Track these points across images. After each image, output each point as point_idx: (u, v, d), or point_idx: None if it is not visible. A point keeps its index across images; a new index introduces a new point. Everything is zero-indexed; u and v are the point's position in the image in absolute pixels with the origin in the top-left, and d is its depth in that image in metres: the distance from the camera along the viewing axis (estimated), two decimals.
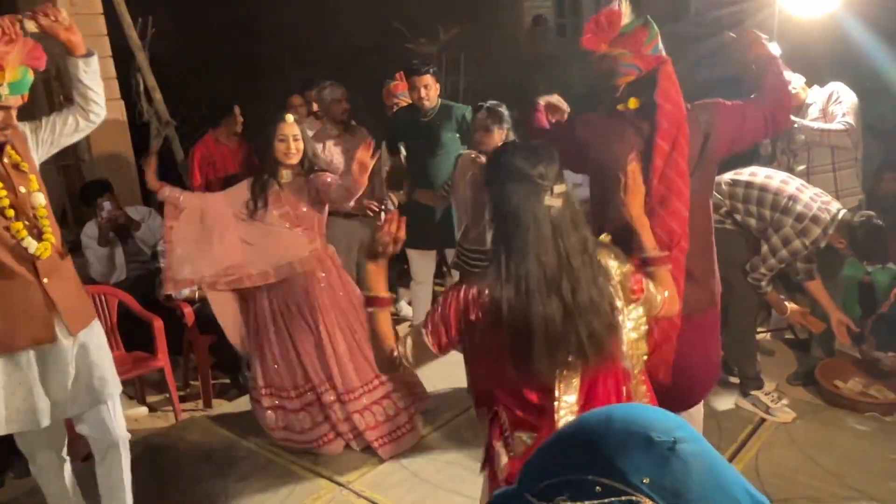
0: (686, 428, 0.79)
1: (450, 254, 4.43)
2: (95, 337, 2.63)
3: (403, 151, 4.57)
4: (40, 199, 2.48)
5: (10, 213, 2.39)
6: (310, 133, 4.74)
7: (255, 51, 8.28)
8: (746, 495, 0.79)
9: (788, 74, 3.92)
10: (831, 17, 4.12)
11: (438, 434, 3.63)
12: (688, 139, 2.40)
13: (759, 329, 4.59)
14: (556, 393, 1.72)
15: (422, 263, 4.53)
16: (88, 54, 2.50)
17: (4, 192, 2.39)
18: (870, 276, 4.22)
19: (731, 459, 3.23)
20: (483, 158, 3.61)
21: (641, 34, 2.35)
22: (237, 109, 4.73)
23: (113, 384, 2.67)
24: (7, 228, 2.39)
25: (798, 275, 3.59)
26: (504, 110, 3.59)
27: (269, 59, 7.78)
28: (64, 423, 2.75)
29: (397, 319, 5.20)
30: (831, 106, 3.91)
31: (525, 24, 9.68)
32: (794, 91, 3.82)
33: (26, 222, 2.42)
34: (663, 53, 2.39)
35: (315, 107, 4.85)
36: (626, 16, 2.36)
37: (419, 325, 1.78)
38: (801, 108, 3.98)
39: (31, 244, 2.41)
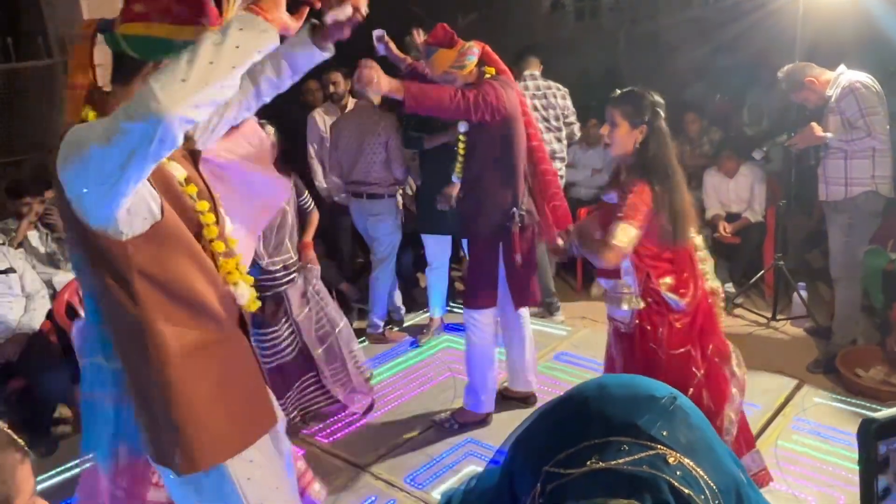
0: (669, 386, 0.84)
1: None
2: None
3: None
4: (230, 226, 1.74)
5: (220, 246, 1.63)
6: (327, 118, 4.78)
7: None
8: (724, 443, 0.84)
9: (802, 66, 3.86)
10: (857, 1, 4.05)
11: None
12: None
13: (779, 317, 4.57)
14: (696, 246, 2.59)
15: (437, 249, 4.53)
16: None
17: (213, 219, 1.60)
18: (893, 265, 4.18)
19: None
20: None
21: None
22: None
23: None
24: (218, 268, 1.64)
25: None
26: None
27: None
28: None
29: (414, 306, 5.20)
30: (842, 103, 3.68)
31: (543, 8, 9.60)
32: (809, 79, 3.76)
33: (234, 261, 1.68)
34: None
35: (331, 90, 4.84)
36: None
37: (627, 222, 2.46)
38: (821, 99, 3.83)
39: (243, 292, 1.69)
